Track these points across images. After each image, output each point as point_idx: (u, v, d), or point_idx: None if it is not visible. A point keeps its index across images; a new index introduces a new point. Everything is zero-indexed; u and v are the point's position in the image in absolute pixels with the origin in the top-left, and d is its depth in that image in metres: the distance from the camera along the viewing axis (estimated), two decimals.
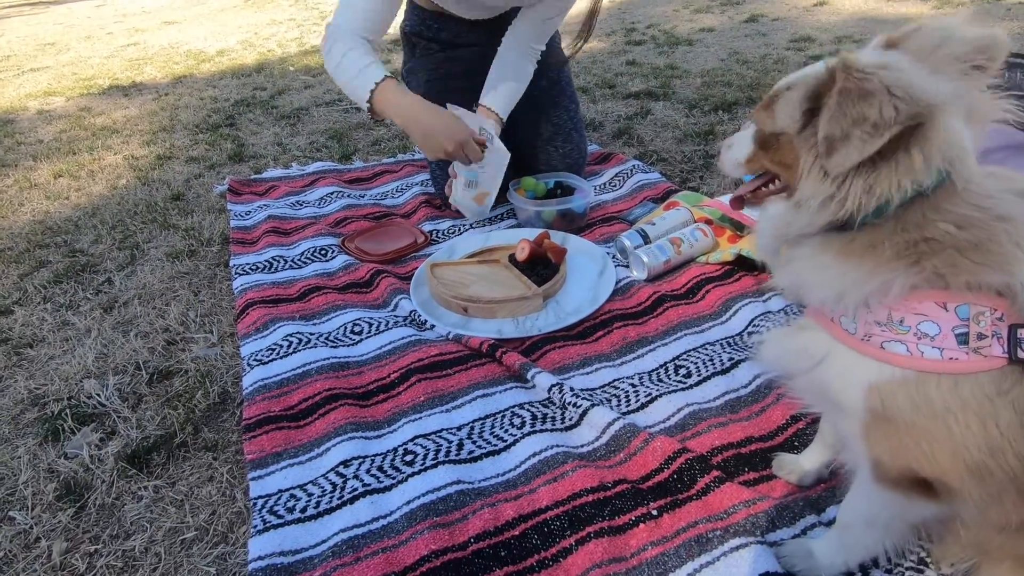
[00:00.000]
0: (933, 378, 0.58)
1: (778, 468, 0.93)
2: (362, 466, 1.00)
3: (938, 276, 0.57)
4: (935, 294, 0.58)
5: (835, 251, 0.61)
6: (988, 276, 0.56)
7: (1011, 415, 0.56)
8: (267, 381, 1.18)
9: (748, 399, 1.07)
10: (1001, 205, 0.57)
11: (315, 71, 3.70)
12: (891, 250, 0.58)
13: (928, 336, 0.58)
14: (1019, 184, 0.59)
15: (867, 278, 0.59)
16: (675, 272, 1.46)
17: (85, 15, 7.38)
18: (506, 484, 0.96)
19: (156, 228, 1.89)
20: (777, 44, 3.42)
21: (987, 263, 0.55)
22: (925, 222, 0.58)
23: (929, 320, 0.58)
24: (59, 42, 5.60)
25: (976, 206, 0.57)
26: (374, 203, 1.92)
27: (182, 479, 1.04)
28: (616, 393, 1.12)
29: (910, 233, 0.58)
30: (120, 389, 1.24)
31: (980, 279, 0.56)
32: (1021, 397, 0.56)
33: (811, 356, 0.67)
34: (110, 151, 2.60)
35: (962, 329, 0.57)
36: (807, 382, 0.70)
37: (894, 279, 0.58)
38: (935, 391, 0.58)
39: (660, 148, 2.18)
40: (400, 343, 1.27)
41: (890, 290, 0.58)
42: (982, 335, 0.56)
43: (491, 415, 1.09)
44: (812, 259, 0.63)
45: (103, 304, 1.53)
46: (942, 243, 0.57)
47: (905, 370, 0.59)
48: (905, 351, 0.59)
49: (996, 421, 0.56)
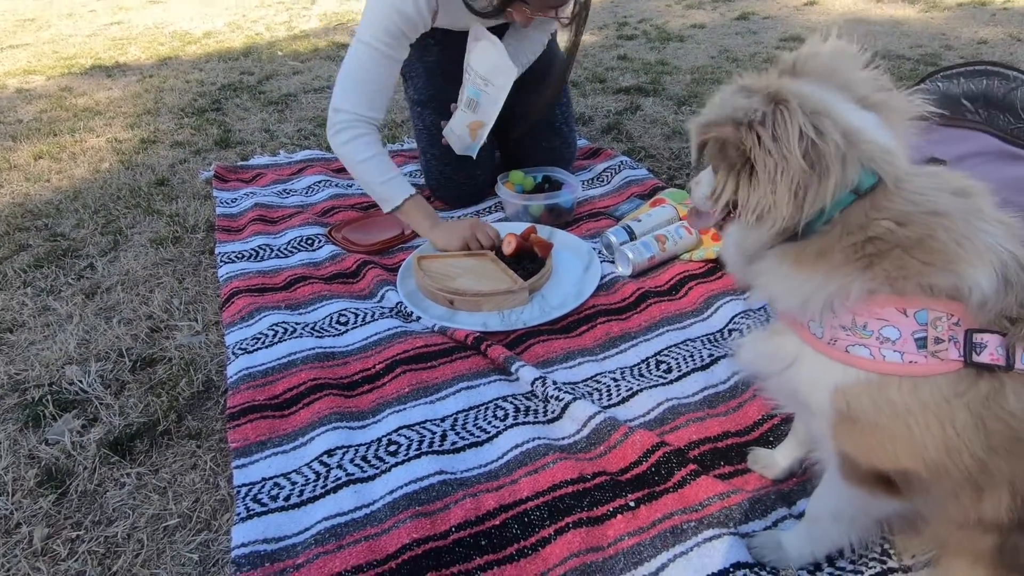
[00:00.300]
0: (894, 380, 0.61)
1: (753, 462, 0.95)
2: (346, 456, 1.01)
3: (892, 279, 0.59)
4: (895, 300, 0.60)
5: (791, 261, 0.64)
6: (937, 278, 0.58)
7: (966, 416, 0.58)
8: (252, 370, 1.18)
9: (726, 395, 1.10)
10: (934, 201, 0.60)
11: (304, 57, 3.66)
12: (841, 254, 0.61)
13: (889, 340, 0.61)
14: (954, 183, 0.62)
15: (824, 284, 0.62)
16: (659, 268, 1.48)
17: None
18: (488, 475, 0.97)
19: (140, 213, 1.87)
20: (767, 43, 3.44)
21: (933, 263, 0.58)
22: (867, 222, 0.60)
23: (890, 325, 0.60)
24: (39, 18, 5.46)
25: (911, 202, 0.60)
26: (362, 193, 1.91)
27: (165, 466, 1.04)
28: (598, 387, 1.14)
29: (855, 235, 0.61)
30: (102, 376, 1.24)
31: (930, 281, 0.58)
32: (975, 399, 0.58)
33: (782, 359, 0.69)
34: (92, 133, 2.56)
35: (921, 333, 0.59)
36: (779, 384, 0.72)
37: (851, 283, 0.60)
38: (896, 393, 0.61)
39: (648, 144, 2.20)
40: (386, 334, 1.28)
41: (849, 294, 0.61)
42: (939, 339, 0.58)
43: (475, 407, 1.11)
44: (773, 271, 0.66)
45: (85, 289, 1.52)
46: (887, 242, 0.59)
47: (868, 373, 0.62)
48: (868, 355, 0.62)
49: (953, 422, 0.59)
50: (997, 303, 0.57)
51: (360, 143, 1.44)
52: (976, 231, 0.58)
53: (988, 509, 0.63)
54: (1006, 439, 0.58)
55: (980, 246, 0.58)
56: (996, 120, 1.19)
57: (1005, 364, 0.57)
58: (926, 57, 3.01)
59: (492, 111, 1.60)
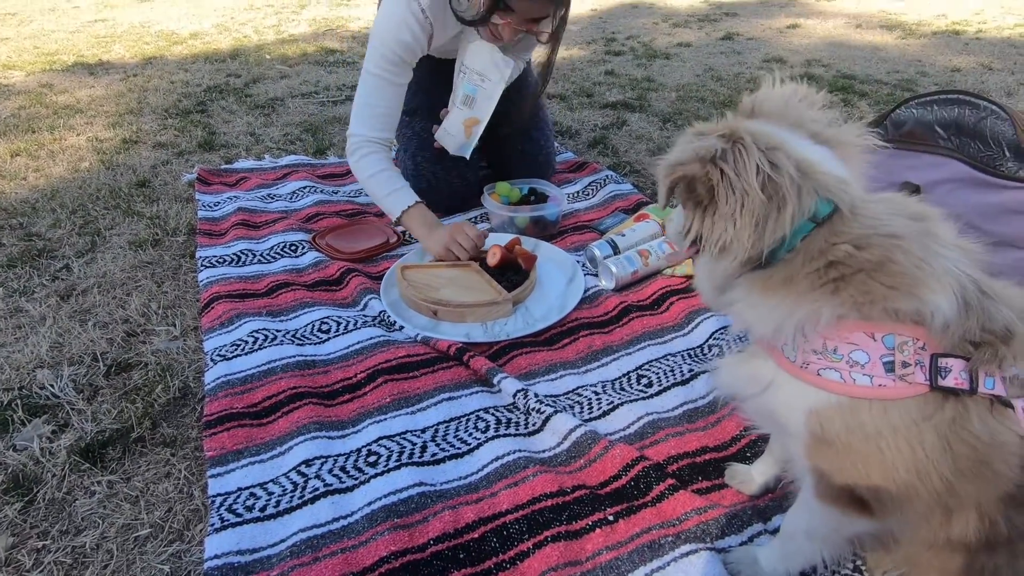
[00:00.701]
0: (865, 403, 0.63)
1: (730, 478, 0.97)
2: (324, 466, 1.00)
3: (859, 304, 0.61)
4: (864, 324, 0.62)
5: (760, 289, 0.66)
6: (901, 302, 0.60)
7: (934, 439, 0.60)
8: (230, 377, 1.17)
9: (705, 410, 1.11)
10: (890, 224, 0.62)
11: (292, 61, 3.64)
12: (806, 280, 0.63)
13: (859, 364, 0.62)
14: (910, 208, 0.65)
15: (793, 310, 0.64)
16: (642, 283, 1.50)
17: None
18: (468, 487, 0.97)
19: (119, 215, 1.84)
20: (751, 63, 3.52)
21: (896, 287, 0.60)
22: (827, 247, 0.62)
23: (859, 349, 0.62)
24: (21, 12, 5.36)
25: (868, 226, 0.62)
26: (347, 200, 1.91)
27: (137, 475, 1.02)
28: (579, 400, 1.15)
29: (816, 260, 0.63)
30: (75, 380, 1.21)
31: (895, 306, 0.60)
32: (943, 422, 0.60)
33: (759, 382, 0.70)
34: (72, 131, 2.51)
35: (888, 357, 0.61)
36: (756, 406, 0.74)
37: (820, 309, 0.62)
38: (867, 416, 0.62)
39: (634, 160, 2.23)
40: (368, 343, 1.27)
41: (819, 320, 0.62)
42: (906, 363, 0.60)
43: (456, 418, 1.10)
44: (744, 299, 0.68)
45: (60, 291, 1.49)
46: (849, 266, 0.61)
47: (840, 396, 0.64)
48: (839, 378, 0.63)
49: (922, 444, 0.60)
50: (959, 327, 0.59)
51: (368, 160, 1.55)
52: (933, 254, 0.60)
53: (957, 530, 0.65)
54: (971, 462, 0.60)
55: (938, 269, 0.60)
56: (967, 147, 1.24)
57: (969, 388, 0.59)
58: (903, 83, 3.10)
59: (488, 107, 1.64)
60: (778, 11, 5.07)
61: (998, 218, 1.18)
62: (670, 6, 5.40)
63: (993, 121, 1.20)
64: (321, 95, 2.99)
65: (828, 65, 3.44)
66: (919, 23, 4.48)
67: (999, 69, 3.32)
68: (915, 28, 4.32)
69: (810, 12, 5.00)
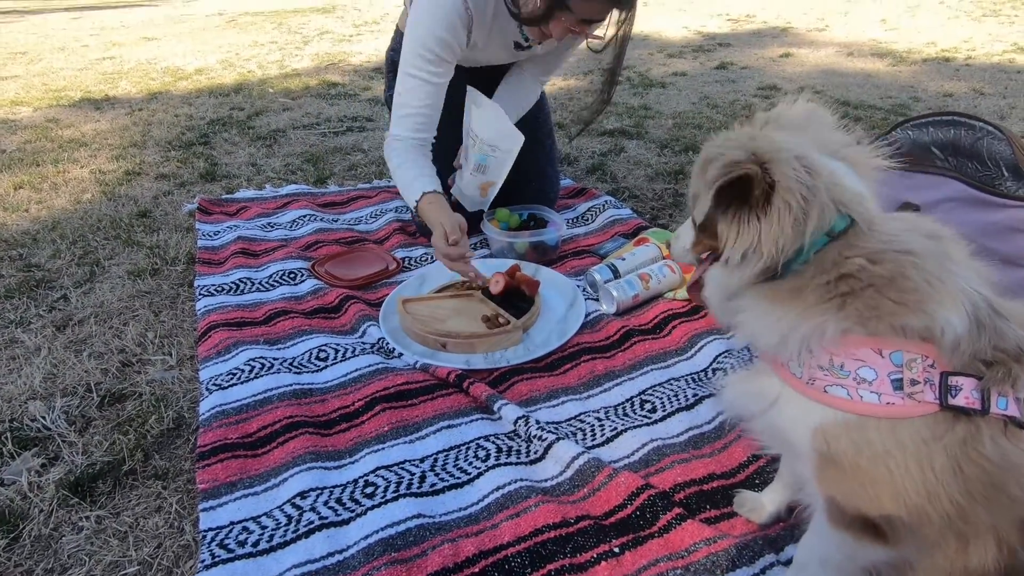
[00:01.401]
0: (873, 421, 0.61)
1: (739, 506, 0.93)
2: (320, 498, 0.97)
3: (864, 319, 0.60)
4: (871, 340, 0.61)
5: (768, 298, 0.65)
6: (909, 319, 0.59)
7: (944, 460, 0.58)
8: (225, 407, 1.15)
9: (711, 435, 1.09)
10: (906, 241, 0.61)
11: (295, 94, 3.71)
12: (814, 293, 0.62)
13: (866, 381, 0.61)
14: (926, 227, 0.64)
15: (798, 322, 0.62)
16: (643, 307, 1.48)
17: (61, 26, 7.28)
18: (468, 519, 0.94)
19: (119, 245, 1.84)
20: (745, 91, 3.58)
21: (905, 303, 0.59)
22: (840, 260, 0.62)
23: (867, 366, 0.61)
24: (31, 52, 5.50)
25: (883, 242, 0.61)
26: (347, 228, 1.91)
27: (128, 509, 0.99)
28: (582, 427, 1.12)
29: (827, 273, 0.62)
30: (67, 412, 1.19)
31: (903, 322, 0.59)
32: (953, 443, 0.58)
33: (764, 399, 0.69)
34: (76, 164, 2.54)
35: (897, 375, 0.59)
36: (762, 424, 0.72)
37: (826, 323, 0.61)
38: (875, 434, 0.60)
39: (632, 185, 2.24)
40: (366, 371, 1.25)
41: (824, 333, 0.61)
42: (915, 381, 0.58)
43: (456, 447, 1.08)
44: (752, 308, 0.67)
45: (56, 322, 1.48)
46: (860, 280, 0.60)
47: (847, 413, 0.62)
48: (846, 395, 0.61)
49: (932, 465, 0.58)
50: (970, 345, 0.58)
51: (397, 152, 1.50)
52: (947, 272, 0.59)
53: (975, 559, 0.62)
54: (983, 485, 0.58)
55: (951, 287, 0.59)
56: (965, 167, 1.24)
57: (980, 408, 0.57)
58: (896, 107, 3.14)
59: (502, 172, 1.62)
60: (770, 41, 5.18)
61: (999, 236, 1.17)
62: (665, 38, 5.52)
63: (989, 141, 1.21)
64: (323, 126, 3.03)
65: (822, 92, 3.49)
66: (909, 51, 4.56)
67: (990, 93, 3.36)
68: (906, 55, 4.40)
69: (801, 42, 5.10)
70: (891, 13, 6.03)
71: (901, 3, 6.57)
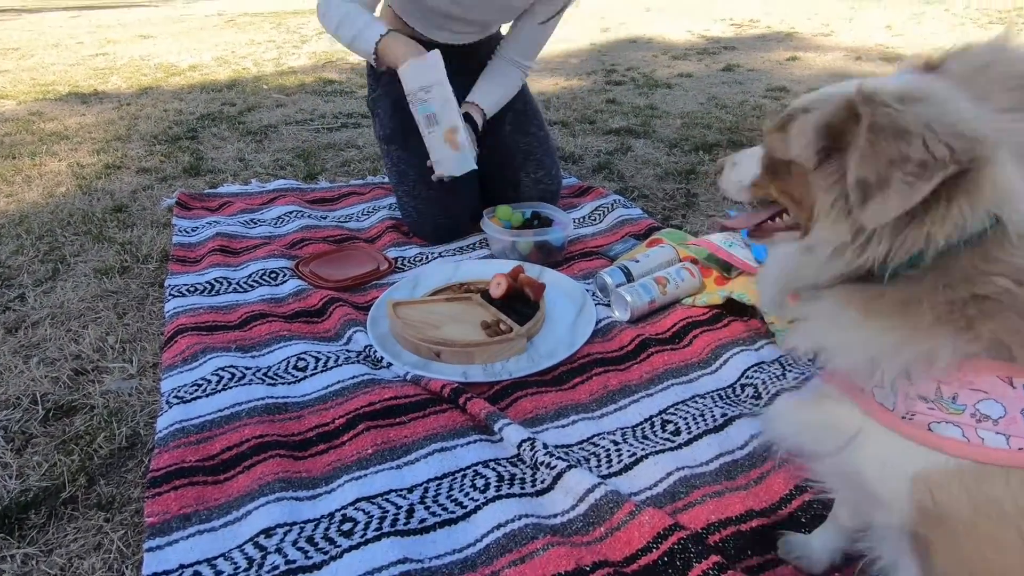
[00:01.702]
0: (999, 472, 0.46)
1: (786, 552, 0.79)
2: (288, 536, 0.82)
3: (999, 345, 0.46)
4: (996, 366, 0.46)
5: (861, 308, 0.51)
6: None
7: None
8: (186, 424, 1.00)
9: (744, 463, 0.94)
10: None
11: (290, 90, 3.58)
12: (932, 311, 0.48)
13: (990, 419, 0.46)
14: None
15: (905, 344, 0.48)
16: (660, 313, 1.34)
17: (57, 24, 7.17)
18: (463, 564, 0.79)
19: (88, 240, 1.70)
20: (754, 92, 3.45)
21: None
22: (976, 275, 0.47)
23: (991, 399, 0.46)
24: (24, 48, 5.37)
25: None
26: (336, 225, 1.77)
27: (61, 546, 0.84)
28: (595, 451, 0.97)
29: (956, 290, 0.47)
30: (6, 428, 1.04)
31: None
32: None
33: (839, 434, 0.54)
34: (54, 157, 2.40)
35: None
36: (833, 465, 0.57)
37: (940, 347, 0.46)
38: (1003, 489, 0.46)
39: (641, 184, 2.10)
40: (350, 383, 1.10)
41: (936, 360, 0.47)
42: None
43: (449, 474, 0.93)
44: (833, 317, 0.53)
45: (8, 323, 1.33)
46: (999, 302, 0.46)
47: (961, 460, 0.47)
48: (960, 436, 0.47)
49: None
50: None
51: (335, 6, 1.43)
52: None
53: None
54: None
55: None
56: None
57: None
58: None
59: (450, 110, 1.46)
60: (776, 45, 5.07)
61: None
62: (668, 41, 5.41)
63: None
64: (316, 122, 2.90)
65: None
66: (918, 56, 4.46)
67: None
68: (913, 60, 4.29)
69: (808, 46, 4.99)
70: (896, 19, 5.94)
71: (906, 9, 6.48)
